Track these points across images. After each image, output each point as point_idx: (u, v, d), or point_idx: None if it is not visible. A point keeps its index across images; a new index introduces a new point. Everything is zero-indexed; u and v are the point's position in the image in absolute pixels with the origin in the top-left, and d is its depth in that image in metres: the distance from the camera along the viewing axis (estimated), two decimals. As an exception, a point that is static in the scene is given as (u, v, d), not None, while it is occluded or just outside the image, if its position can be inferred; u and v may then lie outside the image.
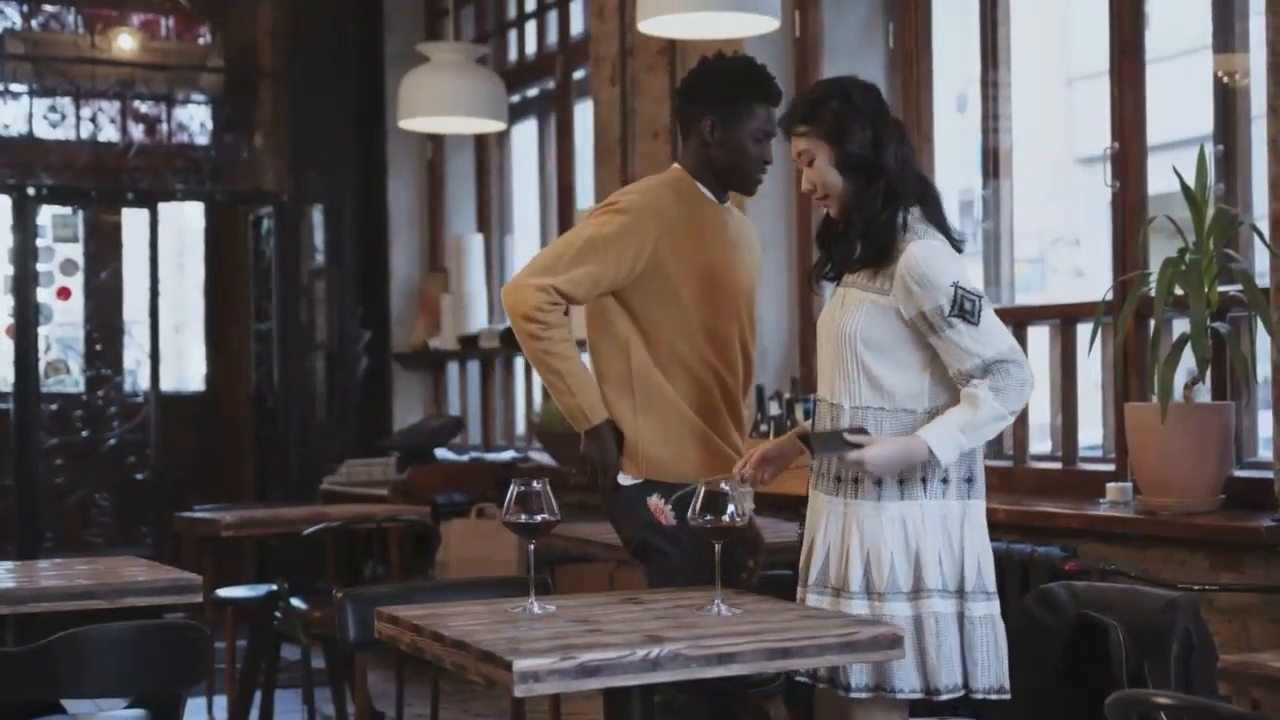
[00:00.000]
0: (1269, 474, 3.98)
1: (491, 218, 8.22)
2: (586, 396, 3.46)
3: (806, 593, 3.11)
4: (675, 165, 3.67)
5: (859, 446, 2.97)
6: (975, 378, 2.97)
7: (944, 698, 2.98)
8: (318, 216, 8.48)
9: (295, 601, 5.29)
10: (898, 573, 3.00)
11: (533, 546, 2.88)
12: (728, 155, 3.54)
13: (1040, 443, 5.02)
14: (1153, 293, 3.92)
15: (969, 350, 2.97)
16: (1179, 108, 4.98)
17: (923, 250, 3.00)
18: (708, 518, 2.78)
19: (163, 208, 8.46)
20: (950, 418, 2.98)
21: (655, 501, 3.45)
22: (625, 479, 3.49)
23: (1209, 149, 4.06)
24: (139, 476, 8.31)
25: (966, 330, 2.96)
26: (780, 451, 3.26)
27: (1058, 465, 4.74)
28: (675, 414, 3.49)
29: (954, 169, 5.85)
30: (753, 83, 3.55)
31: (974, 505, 3.07)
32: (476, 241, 8.10)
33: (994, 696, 3.02)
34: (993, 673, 3.02)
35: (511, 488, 2.83)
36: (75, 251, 8.25)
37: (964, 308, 2.96)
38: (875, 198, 3.06)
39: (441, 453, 7.44)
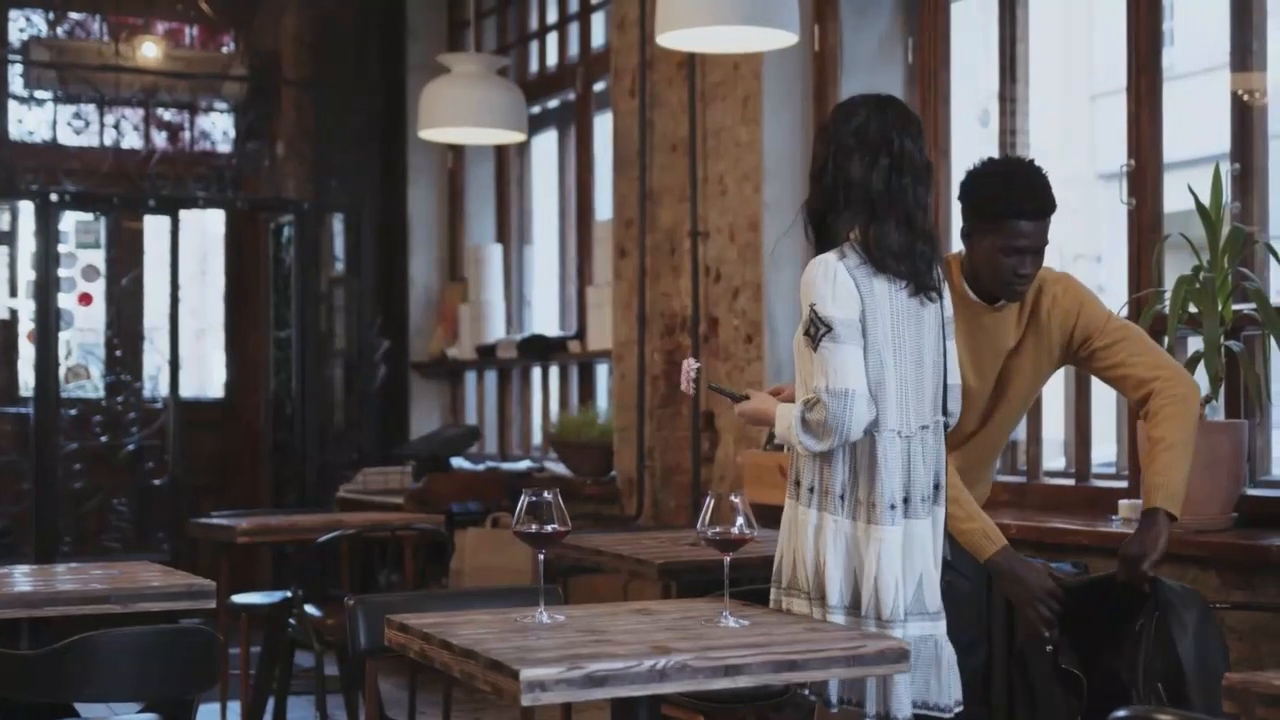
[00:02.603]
0: (1282, 493, 3.98)
1: (511, 228, 8.25)
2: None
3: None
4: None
5: (746, 398, 3.17)
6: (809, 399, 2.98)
7: (834, 710, 2.96)
8: (338, 225, 8.52)
9: (309, 608, 5.31)
10: (797, 574, 3.02)
11: (543, 556, 2.89)
12: (978, 261, 3.44)
13: (1054, 459, 5.02)
14: (1167, 310, 3.93)
15: (813, 372, 2.98)
16: (1197, 125, 4.98)
17: (810, 265, 3.02)
18: (716, 530, 2.79)
19: (184, 215, 8.51)
20: (790, 409, 3.02)
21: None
22: None
23: (1224, 167, 4.06)
24: (157, 482, 8.34)
25: (809, 353, 2.98)
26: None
27: (1071, 481, 4.74)
28: None
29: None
30: (1002, 196, 3.41)
31: (875, 529, 2.96)
32: (495, 251, 8.12)
33: None
34: (879, 700, 2.93)
35: (523, 498, 2.84)
36: (97, 258, 8.29)
37: (808, 331, 2.98)
38: (812, 216, 3.10)
39: (458, 462, 7.47)
